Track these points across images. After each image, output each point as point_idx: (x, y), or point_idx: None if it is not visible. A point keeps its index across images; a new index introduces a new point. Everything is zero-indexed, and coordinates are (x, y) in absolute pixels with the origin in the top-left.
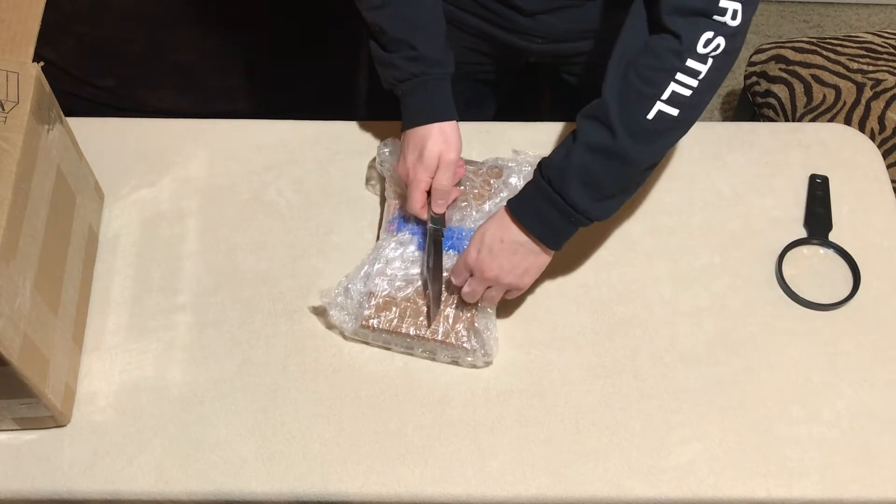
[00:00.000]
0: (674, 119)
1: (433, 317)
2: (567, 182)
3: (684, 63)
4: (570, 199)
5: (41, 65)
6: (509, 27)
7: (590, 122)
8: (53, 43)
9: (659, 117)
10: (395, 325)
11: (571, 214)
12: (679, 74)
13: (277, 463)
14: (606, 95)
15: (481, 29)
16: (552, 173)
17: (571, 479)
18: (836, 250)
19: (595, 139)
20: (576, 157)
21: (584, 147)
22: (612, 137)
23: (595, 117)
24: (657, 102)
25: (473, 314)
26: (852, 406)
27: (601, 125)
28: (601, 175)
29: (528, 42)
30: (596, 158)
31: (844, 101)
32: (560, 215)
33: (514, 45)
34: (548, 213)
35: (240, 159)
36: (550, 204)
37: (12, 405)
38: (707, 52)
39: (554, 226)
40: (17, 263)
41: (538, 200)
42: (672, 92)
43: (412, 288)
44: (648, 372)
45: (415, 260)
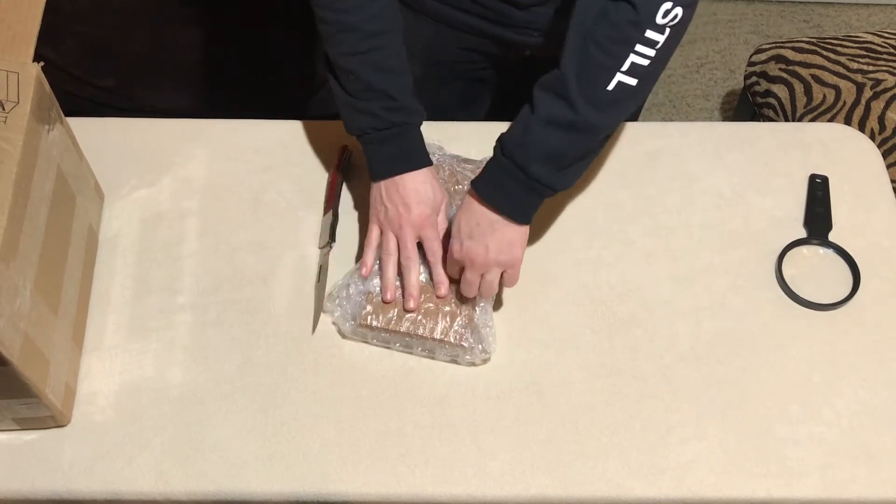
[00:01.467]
0: (632, 89)
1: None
2: (528, 157)
3: (643, 34)
4: (534, 174)
5: (41, 65)
6: (504, 21)
7: (547, 95)
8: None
9: (618, 88)
10: (393, 323)
11: (536, 188)
12: (638, 45)
13: (277, 463)
14: (565, 68)
15: (475, 26)
16: (513, 150)
17: (571, 479)
18: (836, 250)
19: (554, 112)
20: (536, 132)
21: (544, 121)
22: (573, 111)
23: (553, 90)
24: (617, 74)
25: (471, 311)
26: (852, 406)
27: (559, 98)
28: (562, 147)
29: (524, 36)
30: (556, 132)
31: (844, 101)
32: (525, 190)
33: (510, 40)
34: (513, 190)
35: (240, 159)
36: (514, 180)
37: (12, 405)
38: (665, 23)
39: (521, 201)
40: (18, 264)
41: (502, 178)
42: (631, 63)
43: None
44: (648, 372)
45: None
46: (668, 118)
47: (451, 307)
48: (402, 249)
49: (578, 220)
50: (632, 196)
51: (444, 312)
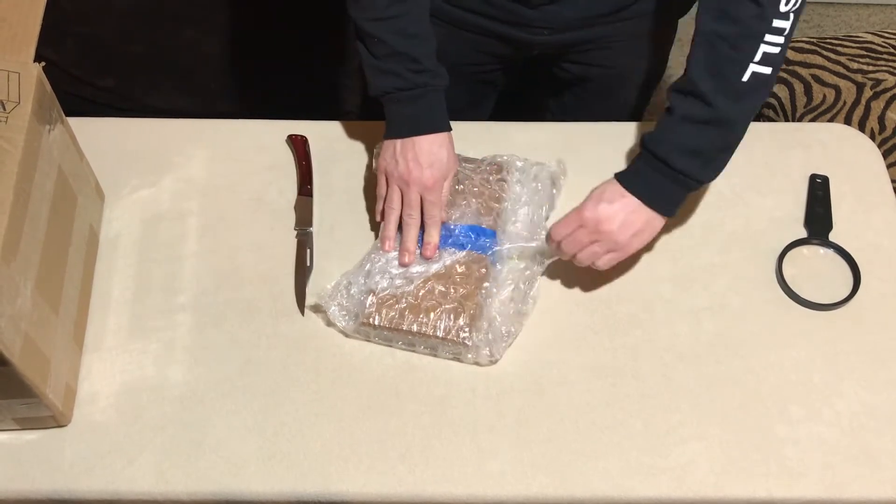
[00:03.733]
0: (766, 77)
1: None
2: (670, 151)
3: (770, 25)
4: (676, 166)
5: (42, 65)
6: (514, 21)
7: (681, 97)
8: (53, 43)
9: (754, 78)
10: (395, 321)
11: (679, 179)
12: (767, 36)
13: (277, 463)
14: (692, 71)
15: (485, 26)
16: (654, 146)
17: (571, 478)
18: (836, 250)
19: (691, 111)
20: (678, 131)
21: (682, 120)
22: (709, 107)
23: (685, 91)
24: (750, 65)
25: (475, 310)
26: (852, 406)
27: (693, 97)
28: (703, 142)
29: (533, 34)
30: (697, 129)
31: (844, 101)
32: (671, 183)
33: (519, 39)
34: (659, 184)
35: (240, 159)
36: (661, 174)
37: (13, 405)
38: (789, 9)
39: (666, 193)
40: (19, 264)
41: (649, 173)
42: (763, 53)
43: (413, 285)
44: (648, 372)
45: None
46: None
47: (455, 305)
48: (405, 206)
49: None
50: None
51: (447, 310)
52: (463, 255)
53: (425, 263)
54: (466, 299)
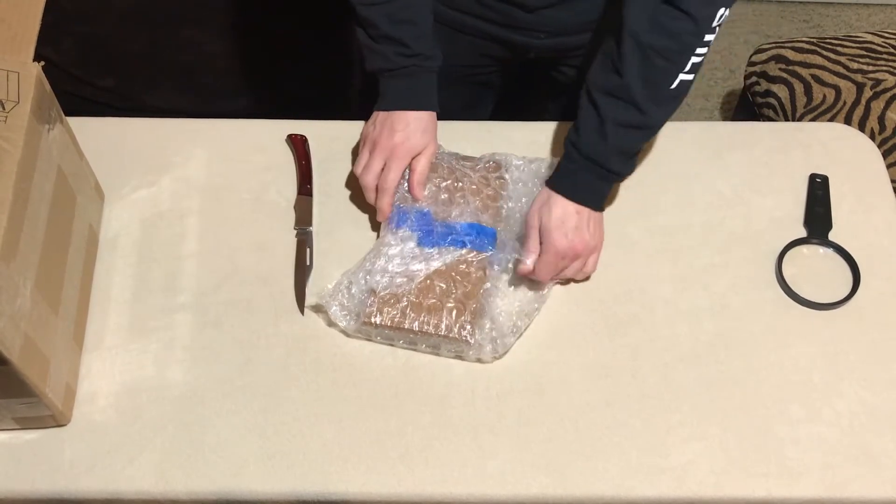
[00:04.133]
0: (690, 83)
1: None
2: (607, 156)
3: (702, 40)
4: (612, 168)
5: (41, 64)
6: (511, 24)
7: (614, 101)
8: (53, 43)
9: (680, 84)
10: (397, 320)
11: (611, 178)
12: (698, 49)
13: (277, 463)
14: (627, 76)
15: (482, 29)
16: (590, 152)
17: (571, 478)
18: (835, 250)
19: (624, 117)
20: (611, 137)
21: (615, 124)
22: (642, 114)
23: (618, 97)
24: (679, 75)
25: (477, 308)
26: (852, 406)
27: (627, 104)
28: (633, 144)
29: (530, 38)
30: (628, 133)
31: (844, 101)
32: (602, 181)
33: (516, 42)
34: (594, 184)
35: (240, 159)
36: (595, 176)
37: (12, 405)
38: (718, 24)
39: (599, 191)
40: (18, 263)
41: (584, 176)
42: (692, 63)
43: (414, 283)
44: (648, 372)
45: (415, 256)
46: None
47: (456, 302)
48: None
49: None
50: (632, 196)
51: (449, 308)
52: (463, 252)
53: (426, 261)
54: (468, 297)
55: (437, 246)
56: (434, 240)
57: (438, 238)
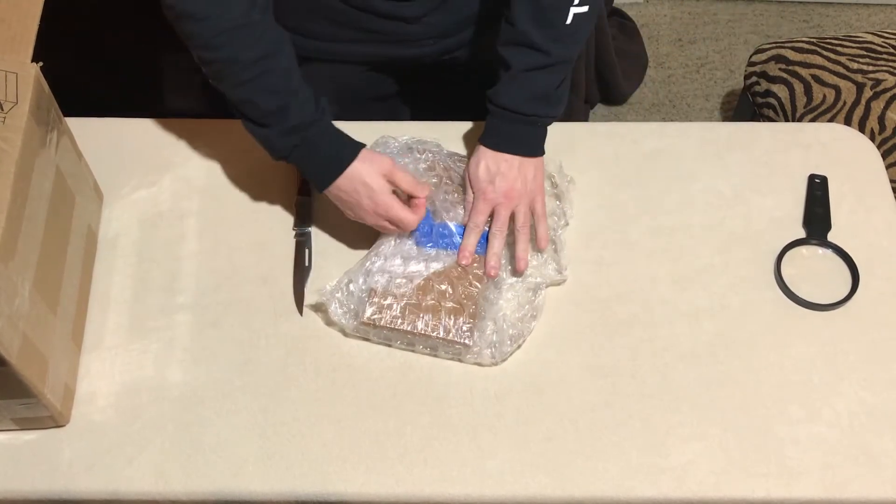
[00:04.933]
0: (587, 14)
1: None
2: (522, 103)
3: None
4: (532, 113)
5: (40, 65)
6: (397, 39)
7: (515, 50)
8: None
9: (576, 18)
10: (396, 321)
11: (539, 122)
12: None
13: (277, 463)
14: (519, 23)
15: (371, 53)
16: (505, 101)
17: (571, 478)
18: (835, 250)
19: (528, 62)
20: (522, 83)
21: (522, 72)
22: (546, 55)
23: (519, 44)
24: (571, 9)
25: (475, 310)
26: (852, 406)
27: (529, 49)
28: (545, 85)
29: (421, 48)
30: (537, 75)
31: (844, 101)
32: (531, 127)
33: (407, 56)
34: (520, 132)
35: (240, 159)
36: (521, 124)
37: (11, 405)
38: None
39: (527, 139)
40: (17, 263)
41: (505, 126)
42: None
43: (413, 284)
44: (648, 372)
45: (415, 256)
46: (668, 118)
47: (455, 305)
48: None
49: (579, 220)
50: (632, 196)
51: (448, 310)
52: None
53: (425, 262)
54: (466, 299)
55: (436, 247)
56: (433, 240)
57: (437, 239)
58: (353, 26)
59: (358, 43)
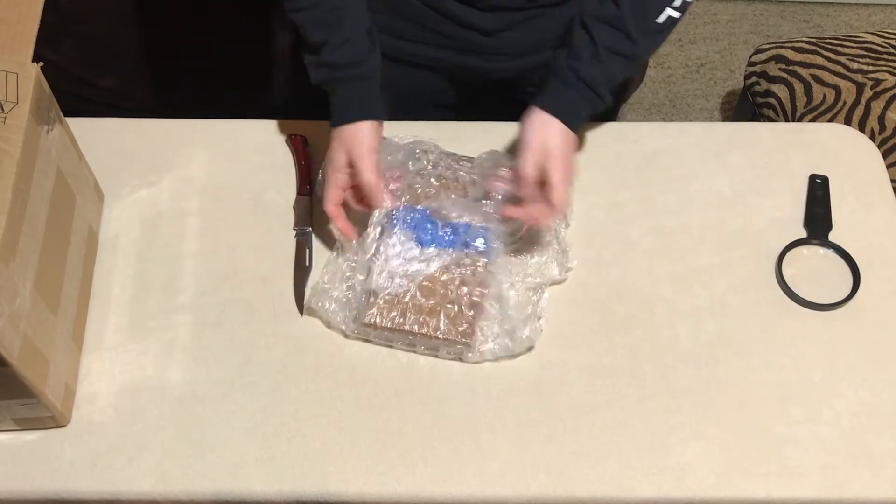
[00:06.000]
0: (675, 20)
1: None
2: (601, 83)
3: None
4: (603, 95)
5: (40, 65)
6: (471, 49)
7: (608, 29)
8: (53, 43)
9: (667, 20)
10: (397, 322)
11: (597, 105)
12: None
13: (277, 463)
14: (623, 6)
15: (440, 57)
16: (587, 76)
17: (571, 478)
18: (836, 250)
19: (617, 45)
20: (605, 63)
21: (608, 51)
22: (633, 45)
23: (613, 25)
24: (667, 8)
25: (477, 311)
26: (852, 406)
27: (620, 33)
28: (620, 73)
29: (493, 62)
30: (618, 61)
31: (844, 101)
32: (590, 108)
33: (478, 67)
34: (584, 109)
35: (240, 159)
36: (588, 102)
37: (12, 405)
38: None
39: (584, 117)
40: (17, 264)
41: (581, 104)
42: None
43: (414, 285)
44: (648, 372)
45: (415, 257)
46: (668, 118)
47: (456, 305)
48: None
49: (579, 220)
50: (632, 196)
51: (448, 310)
52: (464, 253)
53: (426, 262)
54: (468, 298)
55: (437, 247)
56: (434, 240)
57: (438, 238)
58: (431, 28)
59: (431, 46)
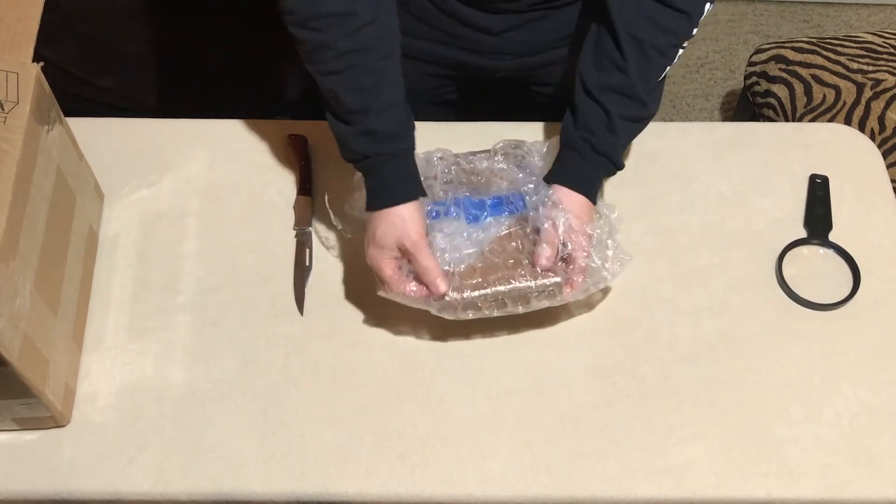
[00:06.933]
0: (665, 76)
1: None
2: (619, 152)
3: (692, 34)
4: (621, 163)
5: (41, 65)
6: (476, 49)
7: (618, 97)
8: (53, 43)
9: (664, 76)
10: (481, 286)
11: (613, 173)
12: (686, 42)
13: (277, 463)
14: (631, 74)
15: (445, 55)
16: (607, 149)
17: (571, 479)
18: (836, 250)
19: (629, 112)
20: (620, 132)
21: (622, 119)
22: (645, 108)
23: (622, 94)
24: (668, 67)
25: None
26: (852, 406)
27: (631, 100)
28: (633, 137)
29: (497, 61)
30: (632, 127)
31: (844, 101)
32: (608, 176)
33: (482, 66)
34: (601, 181)
35: (240, 159)
36: (606, 173)
37: (12, 405)
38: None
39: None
40: (17, 264)
41: (600, 175)
42: (678, 56)
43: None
44: (648, 372)
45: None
46: (668, 118)
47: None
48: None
49: None
50: (632, 196)
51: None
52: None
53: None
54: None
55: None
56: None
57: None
58: (436, 27)
59: (436, 43)
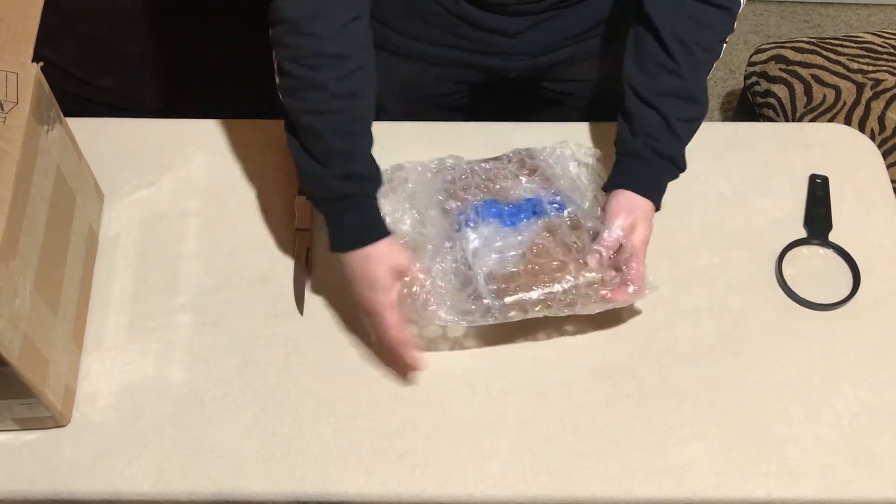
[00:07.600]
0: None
1: None
2: (682, 155)
3: (732, 27)
4: (683, 164)
5: (40, 65)
6: (491, 51)
7: (674, 101)
8: (53, 43)
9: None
10: (525, 289)
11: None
12: (728, 37)
13: (277, 463)
14: (685, 74)
15: (461, 59)
16: (671, 153)
17: (571, 479)
18: (836, 250)
19: (689, 114)
20: (681, 134)
21: (681, 121)
22: (701, 107)
23: (678, 96)
24: (714, 63)
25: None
26: (852, 406)
27: (688, 102)
28: (692, 135)
29: (512, 62)
30: (691, 126)
31: (844, 101)
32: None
33: (496, 67)
34: (666, 184)
35: (240, 159)
36: (671, 176)
37: (12, 405)
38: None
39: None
40: (17, 264)
41: (665, 179)
42: (722, 51)
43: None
44: (648, 372)
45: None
46: None
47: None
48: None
49: None
50: None
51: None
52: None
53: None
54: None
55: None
56: (514, 219)
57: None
58: (450, 31)
59: (448, 48)
